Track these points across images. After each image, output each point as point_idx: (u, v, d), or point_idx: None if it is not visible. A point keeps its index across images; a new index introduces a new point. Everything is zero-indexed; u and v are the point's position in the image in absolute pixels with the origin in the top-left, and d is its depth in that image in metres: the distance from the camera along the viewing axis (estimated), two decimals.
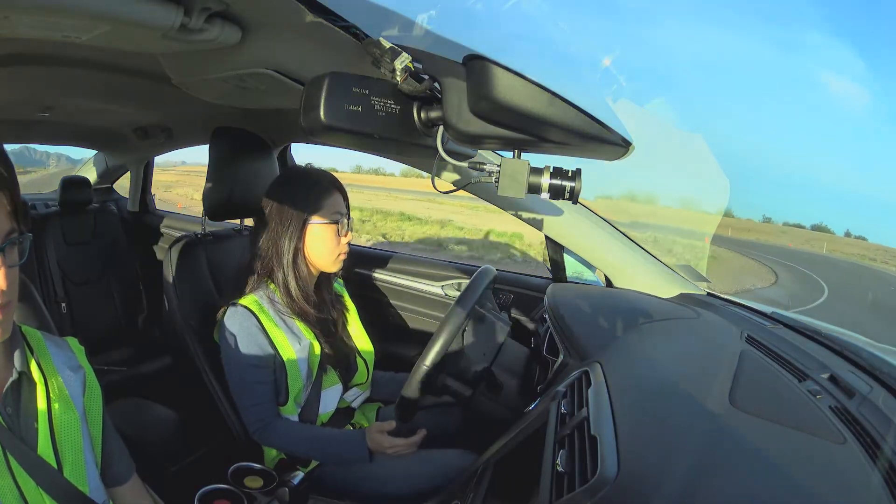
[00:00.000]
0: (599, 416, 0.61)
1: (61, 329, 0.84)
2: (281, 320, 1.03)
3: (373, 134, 0.74)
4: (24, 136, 2.12)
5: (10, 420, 0.59)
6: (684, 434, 0.56)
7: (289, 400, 1.05)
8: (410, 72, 0.73)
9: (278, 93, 0.98)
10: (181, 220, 2.37)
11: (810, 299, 9.11)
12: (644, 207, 3.89)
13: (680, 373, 0.75)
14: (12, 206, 0.55)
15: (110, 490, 0.70)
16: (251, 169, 1.23)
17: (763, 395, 0.67)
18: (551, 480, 0.56)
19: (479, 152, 1.12)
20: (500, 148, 1.03)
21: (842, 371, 0.76)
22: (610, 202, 2.28)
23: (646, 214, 3.41)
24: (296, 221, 1.03)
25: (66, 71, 1.18)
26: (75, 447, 0.62)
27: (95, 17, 0.69)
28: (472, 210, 14.54)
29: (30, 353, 0.63)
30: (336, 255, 1.07)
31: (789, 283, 11.51)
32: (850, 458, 0.54)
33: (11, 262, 0.55)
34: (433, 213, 14.06)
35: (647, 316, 0.98)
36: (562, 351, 0.95)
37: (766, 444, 0.55)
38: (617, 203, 2.70)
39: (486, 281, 1.02)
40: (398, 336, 1.69)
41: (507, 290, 1.53)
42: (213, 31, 0.77)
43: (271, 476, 0.93)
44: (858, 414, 0.63)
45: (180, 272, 1.18)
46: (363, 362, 1.17)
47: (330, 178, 1.08)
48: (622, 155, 0.77)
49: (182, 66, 0.98)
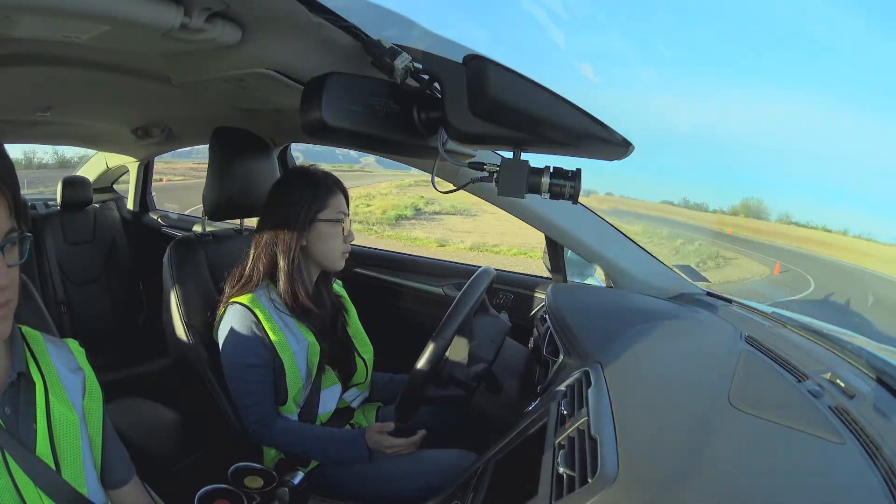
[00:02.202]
0: (599, 416, 0.61)
1: (61, 329, 0.84)
2: (280, 320, 1.03)
3: (373, 134, 0.74)
4: (24, 136, 2.12)
5: (9, 420, 0.58)
6: (684, 434, 0.56)
7: (288, 399, 1.05)
8: (410, 72, 0.73)
9: (278, 93, 0.98)
10: (181, 220, 2.38)
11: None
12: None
13: (680, 373, 0.75)
14: (12, 206, 0.55)
15: (111, 492, 0.70)
16: (251, 169, 1.23)
17: (763, 395, 0.67)
18: (551, 481, 0.56)
19: (479, 152, 1.12)
20: (500, 148, 1.04)
21: (842, 371, 0.76)
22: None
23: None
24: (301, 220, 1.03)
25: (66, 71, 1.18)
26: (74, 449, 0.62)
27: (95, 17, 0.69)
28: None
29: (29, 353, 0.63)
30: (340, 253, 1.07)
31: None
32: (850, 458, 0.54)
33: (11, 260, 0.55)
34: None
35: (646, 316, 0.98)
36: (562, 351, 0.95)
37: (765, 444, 0.55)
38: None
39: (486, 281, 1.03)
40: (398, 336, 1.69)
41: (507, 290, 1.53)
42: (213, 31, 0.77)
43: (271, 476, 0.92)
44: (858, 414, 0.63)
45: (180, 272, 1.18)
46: (362, 362, 1.18)
47: (333, 179, 1.08)
48: (622, 155, 0.77)
49: (182, 66, 0.98)
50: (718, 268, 11.74)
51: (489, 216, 12.81)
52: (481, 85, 0.66)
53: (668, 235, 14.70)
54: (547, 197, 0.76)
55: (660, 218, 17.91)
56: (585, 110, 0.69)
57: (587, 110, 0.69)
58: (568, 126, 0.70)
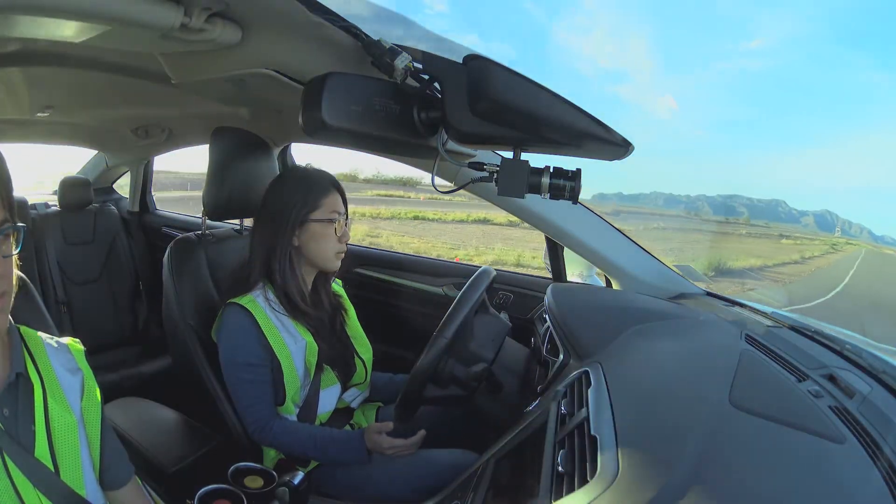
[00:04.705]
0: (599, 416, 0.61)
1: (61, 329, 0.84)
2: (278, 320, 1.03)
3: (373, 134, 0.74)
4: (24, 136, 2.12)
5: (7, 422, 0.58)
6: (684, 434, 0.56)
7: (286, 400, 1.05)
8: (410, 72, 0.73)
9: (278, 93, 0.98)
10: (181, 220, 2.38)
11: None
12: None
13: (680, 373, 0.75)
14: (4, 198, 0.55)
15: (109, 493, 0.70)
16: (251, 169, 1.23)
17: (763, 395, 0.67)
18: (551, 480, 0.56)
19: (479, 152, 1.12)
20: (500, 148, 1.04)
21: (842, 371, 0.76)
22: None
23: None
24: (293, 220, 1.03)
25: (66, 71, 1.18)
26: (72, 450, 0.62)
27: (95, 17, 0.69)
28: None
29: (28, 354, 0.63)
30: (333, 254, 1.06)
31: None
32: (850, 457, 0.54)
33: (5, 251, 0.55)
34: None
35: (647, 316, 0.98)
36: (562, 351, 0.95)
37: (765, 444, 0.55)
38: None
39: (486, 280, 1.02)
40: (398, 336, 1.69)
41: (507, 290, 1.53)
42: (213, 31, 0.77)
43: (271, 476, 0.92)
44: (858, 414, 0.63)
45: (180, 272, 1.18)
46: (361, 363, 1.17)
47: (328, 178, 1.08)
48: (622, 155, 0.77)
49: (182, 66, 0.98)
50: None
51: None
52: (481, 85, 0.66)
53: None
54: (547, 197, 0.76)
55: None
56: (585, 110, 0.69)
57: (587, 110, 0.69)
58: (568, 126, 0.70)
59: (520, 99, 0.67)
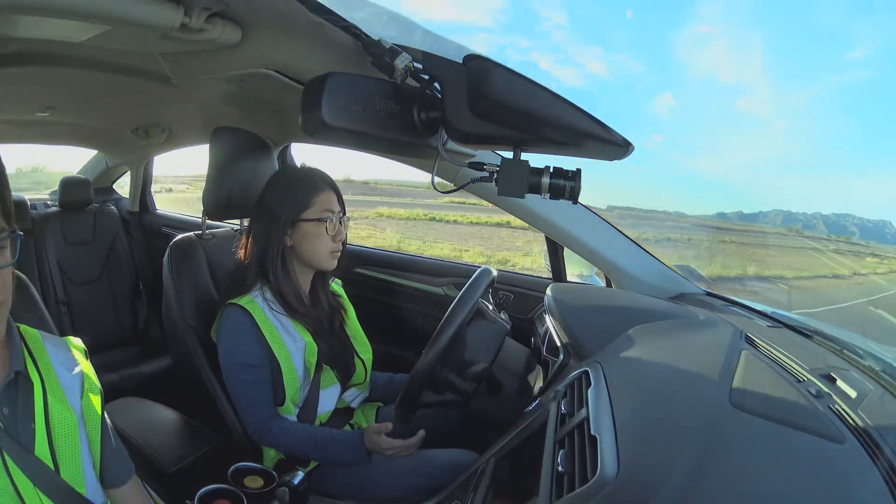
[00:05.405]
0: (599, 416, 0.61)
1: (61, 329, 0.84)
2: (277, 320, 1.03)
3: (373, 134, 0.74)
4: (24, 136, 2.12)
5: (7, 420, 0.58)
6: (684, 434, 0.56)
7: (286, 400, 1.05)
8: (410, 72, 0.73)
9: (278, 93, 0.98)
10: (181, 220, 2.38)
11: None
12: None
13: (680, 373, 0.75)
14: (2, 207, 0.54)
15: (109, 492, 0.70)
16: (251, 169, 1.23)
17: (763, 395, 0.66)
18: (551, 480, 0.56)
19: (479, 152, 1.12)
20: (500, 148, 1.04)
21: (842, 371, 0.76)
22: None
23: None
24: (284, 219, 1.03)
25: (66, 71, 1.18)
26: (72, 448, 0.62)
27: (95, 17, 0.69)
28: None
29: (27, 352, 0.63)
30: (327, 253, 1.06)
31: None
32: (849, 457, 0.54)
33: (3, 262, 0.54)
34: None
35: (646, 316, 0.98)
36: (562, 351, 0.95)
37: (765, 444, 0.55)
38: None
39: (486, 280, 1.02)
40: (397, 336, 1.69)
41: (507, 290, 1.53)
42: (213, 31, 0.78)
43: (271, 476, 0.92)
44: (858, 414, 0.63)
45: (180, 272, 1.18)
46: (361, 363, 1.17)
47: (321, 176, 1.07)
48: (622, 155, 0.77)
49: (182, 66, 0.98)
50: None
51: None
52: (481, 85, 0.66)
53: None
54: (547, 197, 0.76)
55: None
56: (585, 110, 0.69)
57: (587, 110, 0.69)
58: (568, 126, 0.70)
59: (520, 99, 0.67)
